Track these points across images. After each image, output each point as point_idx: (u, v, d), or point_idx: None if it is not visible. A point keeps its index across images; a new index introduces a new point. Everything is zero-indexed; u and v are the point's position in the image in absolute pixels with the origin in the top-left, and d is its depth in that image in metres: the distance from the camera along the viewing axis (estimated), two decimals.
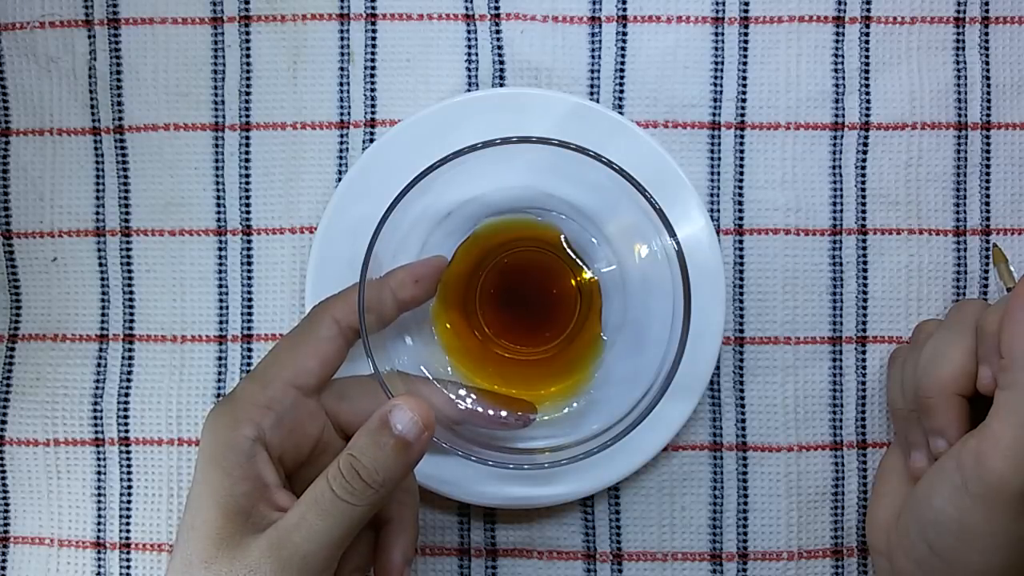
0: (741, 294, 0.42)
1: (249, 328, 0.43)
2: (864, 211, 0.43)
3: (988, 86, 0.43)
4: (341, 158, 0.43)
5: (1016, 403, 0.33)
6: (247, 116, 0.43)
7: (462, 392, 0.38)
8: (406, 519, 0.36)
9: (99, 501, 0.43)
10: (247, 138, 0.43)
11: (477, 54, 0.43)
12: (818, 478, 0.42)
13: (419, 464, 0.33)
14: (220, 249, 0.43)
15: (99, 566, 0.43)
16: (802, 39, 0.43)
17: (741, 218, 0.43)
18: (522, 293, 0.42)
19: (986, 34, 0.43)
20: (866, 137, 0.43)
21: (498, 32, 0.42)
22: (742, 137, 0.43)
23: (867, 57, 0.43)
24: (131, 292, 0.43)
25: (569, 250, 0.40)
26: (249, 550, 0.31)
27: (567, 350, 0.41)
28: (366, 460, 0.31)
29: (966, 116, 0.43)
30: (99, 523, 0.43)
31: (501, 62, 0.42)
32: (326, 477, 0.31)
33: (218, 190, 0.43)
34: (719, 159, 0.43)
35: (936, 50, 0.43)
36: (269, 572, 0.30)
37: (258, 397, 0.34)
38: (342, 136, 0.43)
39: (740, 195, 0.43)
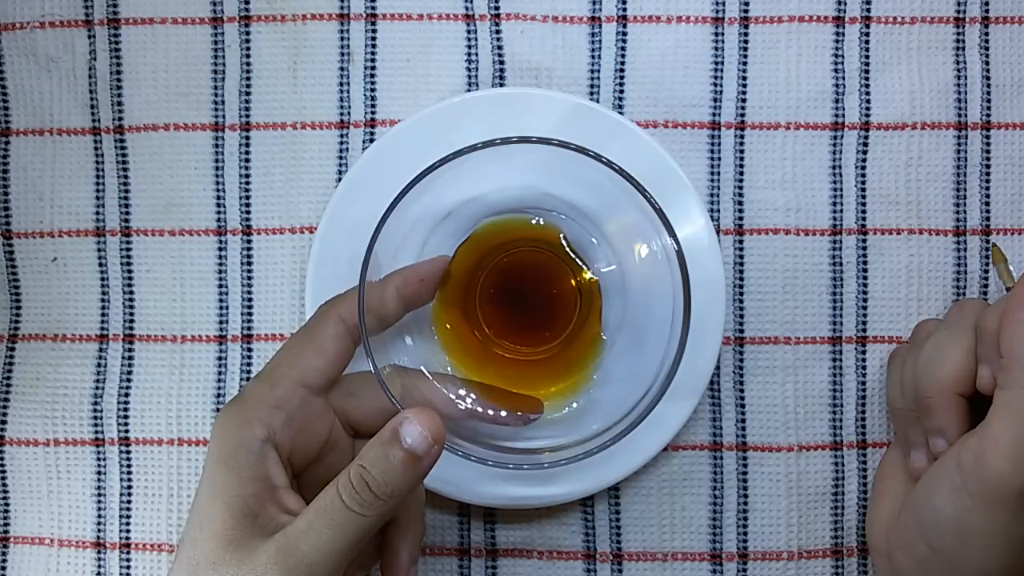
0: (741, 294, 0.42)
1: (249, 328, 0.43)
2: (864, 211, 0.43)
3: (988, 86, 0.43)
4: (341, 158, 0.43)
5: (1016, 402, 0.33)
6: (247, 116, 0.43)
7: (462, 392, 0.38)
8: (412, 518, 0.36)
9: (99, 501, 0.43)
10: (247, 138, 0.43)
11: (477, 54, 0.43)
12: (818, 478, 0.42)
13: None
14: (220, 249, 0.43)
15: (99, 566, 0.43)
16: (802, 39, 0.43)
17: (741, 218, 0.43)
18: (522, 293, 0.42)
19: (986, 34, 0.43)
20: (866, 137, 0.43)
21: (498, 32, 0.42)
22: (742, 137, 0.43)
23: (867, 57, 0.43)
24: (131, 292, 0.43)
25: (569, 250, 0.40)
26: (256, 554, 0.31)
27: (567, 350, 0.41)
28: (376, 472, 0.31)
29: (966, 116, 0.43)
30: (99, 523, 0.43)
31: (501, 62, 0.42)
32: (336, 486, 0.31)
33: (218, 190, 0.43)
34: (719, 159, 0.43)
35: (936, 50, 0.43)
36: None
37: (267, 397, 0.34)
38: (342, 136, 0.43)
39: (740, 195, 0.43)
